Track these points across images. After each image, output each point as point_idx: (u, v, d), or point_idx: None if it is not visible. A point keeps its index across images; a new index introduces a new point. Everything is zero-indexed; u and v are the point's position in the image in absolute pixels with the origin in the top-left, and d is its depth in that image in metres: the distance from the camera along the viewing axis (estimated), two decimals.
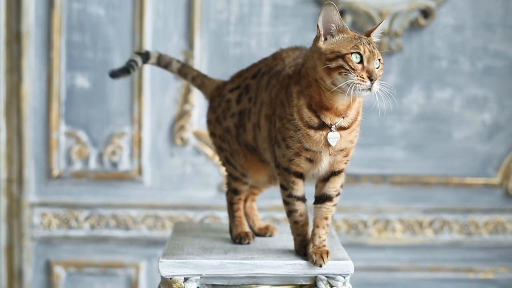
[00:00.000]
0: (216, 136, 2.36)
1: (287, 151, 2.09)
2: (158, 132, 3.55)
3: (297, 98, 2.06)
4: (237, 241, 2.31)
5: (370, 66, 1.98)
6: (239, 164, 2.31)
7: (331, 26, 2.03)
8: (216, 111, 2.36)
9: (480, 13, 3.54)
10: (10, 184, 3.54)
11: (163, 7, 3.50)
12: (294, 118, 2.06)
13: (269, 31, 3.52)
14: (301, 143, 2.07)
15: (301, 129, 2.05)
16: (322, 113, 2.05)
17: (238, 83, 2.34)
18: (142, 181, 3.55)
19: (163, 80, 3.52)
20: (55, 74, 3.49)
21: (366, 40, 2.02)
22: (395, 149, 3.57)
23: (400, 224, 3.59)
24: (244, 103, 2.28)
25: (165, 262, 2.10)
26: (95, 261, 3.57)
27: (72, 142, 3.53)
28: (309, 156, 2.09)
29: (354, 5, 3.46)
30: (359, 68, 1.97)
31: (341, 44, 2.01)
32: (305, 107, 2.05)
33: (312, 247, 2.12)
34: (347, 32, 2.03)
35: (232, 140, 2.31)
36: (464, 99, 3.57)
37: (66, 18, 3.49)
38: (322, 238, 2.13)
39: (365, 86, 1.96)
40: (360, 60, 1.98)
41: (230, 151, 2.32)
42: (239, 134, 2.29)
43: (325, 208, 2.15)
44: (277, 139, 2.11)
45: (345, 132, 2.07)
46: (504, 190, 3.60)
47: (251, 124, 2.25)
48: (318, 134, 2.05)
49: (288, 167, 2.12)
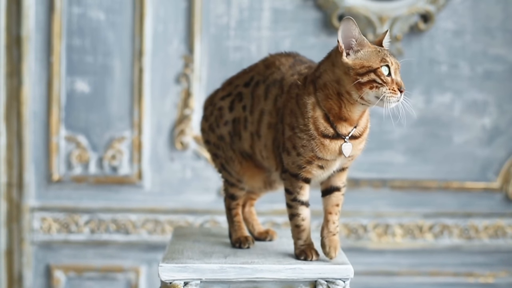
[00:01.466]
0: (211, 144, 2.38)
1: (298, 158, 2.11)
2: (158, 137, 3.55)
3: (312, 110, 2.09)
4: (237, 245, 2.31)
5: (398, 78, 2.05)
6: (235, 171, 2.33)
7: (352, 41, 2.06)
8: (208, 119, 2.38)
9: (480, 18, 3.54)
10: (10, 188, 3.54)
11: (163, 12, 3.50)
12: (309, 128, 2.08)
13: (269, 35, 3.52)
14: (315, 152, 2.09)
15: (316, 138, 2.08)
16: (339, 123, 2.08)
17: (229, 90, 2.35)
18: (142, 185, 3.55)
19: (163, 84, 3.52)
20: (55, 78, 3.49)
21: (388, 51, 2.07)
22: (395, 154, 3.57)
23: (400, 229, 3.59)
24: (238, 111, 2.29)
25: (165, 267, 2.10)
26: (95, 266, 3.56)
27: (72, 147, 3.53)
28: (321, 164, 2.12)
29: (354, 9, 3.47)
30: (389, 81, 2.03)
31: (370, 59, 2.05)
32: (322, 118, 2.08)
33: (326, 234, 2.16)
34: (369, 45, 2.07)
35: (226, 147, 2.32)
36: (464, 103, 3.57)
37: (66, 23, 3.49)
38: (335, 224, 2.17)
39: (397, 98, 2.03)
40: (388, 73, 2.04)
41: (225, 158, 2.34)
42: (233, 142, 2.31)
43: (335, 197, 2.19)
44: (287, 146, 2.13)
45: (357, 141, 2.12)
46: (504, 194, 3.60)
47: (248, 133, 2.26)
48: (333, 143, 2.08)
49: (297, 173, 2.14)
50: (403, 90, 2.04)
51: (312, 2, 3.51)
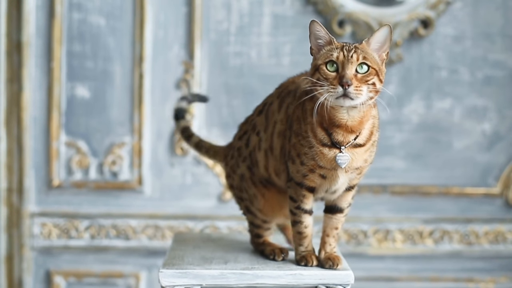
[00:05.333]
0: (235, 188, 2.36)
1: (302, 167, 2.09)
2: (158, 142, 3.55)
3: (310, 115, 2.04)
4: (271, 257, 2.26)
5: (343, 72, 1.95)
6: (259, 210, 2.29)
7: (319, 42, 2.05)
8: (229, 163, 2.37)
9: (479, 23, 3.54)
10: (10, 194, 3.54)
11: (163, 17, 3.51)
12: (309, 135, 2.05)
13: (269, 41, 3.52)
14: (315, 160, 2.06)
15: (315, 146, 2.04)
16: (334, 130, 2.03)
17: (245, 128, 2.35)
18: (142, 191, 3.55)
19: (163, 90, 3.53)
20: (56, 84, 3.50)
21: (350, 47, 1.99)
22: (395, 159, 3.57)
23: (400, 234, 3.59)
24: (253, 141, 2.27)
25: (165, 272, 2.10)
26: (95, 271, 3.56)
27: (72, 152, 3.53)
28: (322, 173, 2.08)
29: (354, 15, 3.47)
30: (331, 76, 1.96)
31: (320, 57, 2.02)
32: (318, 125, 2.04)
33: (324, 254, 2.17)
34: (333, 43, 2.02)
35: (248, 185, 2.29)
36: (464, 109, 3.57)
37: (67, 28, 3.50)
38: (332, 246, 2.18)
39: (337, 92, 1.94)
40: (336, 68, 1.97)
41: (249, 199, 2.31)
42: (253, 174, 2.28)
43: (335, 219, 2.19)
44: (291, 154, 2.11)
45: (361, 149, 2.06)
46: (504, 200, 3.60)
47: (262, 153, 2.24)
48: (332, 152, 2.04)
49: (301, 182, 2.12)
50: (344, 83, 1.93)
51: (313, 8, 3.51)
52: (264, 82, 3.49)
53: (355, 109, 1.99)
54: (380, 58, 2.05)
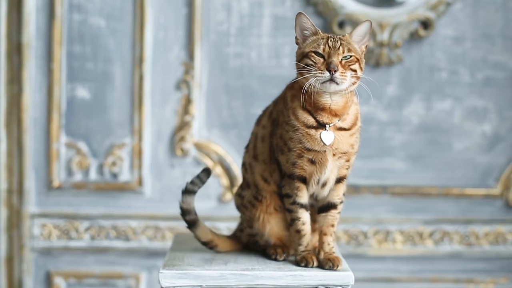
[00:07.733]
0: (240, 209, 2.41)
1: (290, 154, 2.14)
2: (159, 143, 3.55)
3: (291, 100, 2.16)
4: (273, 257, 2.28)
5: (329, 59, 2.08)
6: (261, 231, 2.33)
7: (305, 33, 2.17)
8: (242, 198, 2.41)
9: (480, 25, 3.54)
10: (10, 195, 3.54)
11: (163, 19, 3.51)
12: (291, 119, 2.14)
13: (269, 42, 3.52)
14: (302, 143, 2.12)
15: (299, 129, 2.12)
16: (318, 113, 2.13)
17: None
18: (142, 192, 3.55)
19: (164, 91, 3.53)
20: (56, 85, 3.50)
21: (335, 38, 2.13)
22: (395, 160, 3.57)
23: (401, 235, 3.59)
24: (247, 158, 2.36)
25: (165, 273, 2.10)
26: (95, 272, 3.56)
27: (73, 153, 3.53)
28: (311, 157, 2.14)
29: (354, 16, 3.47)
30: (320, 62, 2.09)
31: (308, 45, 2.14)
32: (299, 108, 2.14)
33: (323, 255, 2.18)
34: (318, 34, 2.15)
35: (254, 205, 2.33)
36: (464, 110, 3.57)
37: (67, 29, 3.50)
38: (331, 245, 2.20)
39: (325, 77, 2.07)
40: (323, 56, 2.10)
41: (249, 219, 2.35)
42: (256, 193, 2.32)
43: (330, 216, 2.21)
44: (279, 145, 2.17)
45: (346, 133, 2.14)
46: (504, 201, 3.60)
47: (247, 165, 2.34)
48: (318, 133, 2.12)
49: (292, 172, 2.16)
50: (331, 68, 2.07)
51: (313, 9, 3.51)
52: (264, 83, 3.49)
53: (337, 95, 2.12)
54: (360, 50, 2.18)
